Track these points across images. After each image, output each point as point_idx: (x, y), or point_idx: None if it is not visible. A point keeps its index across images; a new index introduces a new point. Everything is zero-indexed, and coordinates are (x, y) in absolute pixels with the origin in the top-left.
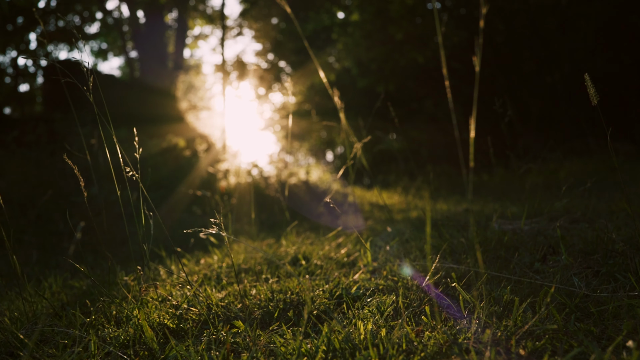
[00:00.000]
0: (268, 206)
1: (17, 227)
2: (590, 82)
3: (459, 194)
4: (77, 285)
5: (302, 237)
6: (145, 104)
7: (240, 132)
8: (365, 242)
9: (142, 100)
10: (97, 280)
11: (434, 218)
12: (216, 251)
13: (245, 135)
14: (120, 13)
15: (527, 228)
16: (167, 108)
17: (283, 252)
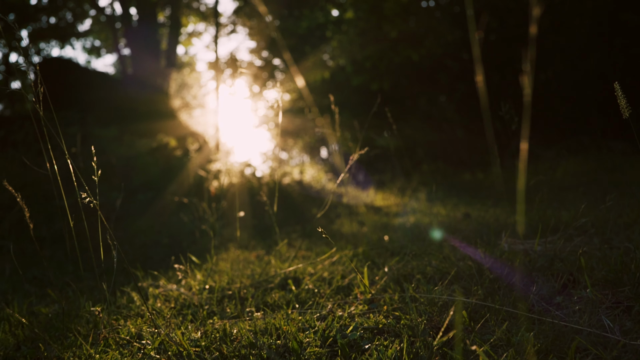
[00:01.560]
0: (261, 208)
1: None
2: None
3: (455, 196)
4: (43, 311)
5: (293, 250)
6: (137, 102)
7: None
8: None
9: (134, 98)
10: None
11: (433, 227)
12: (197, 273)
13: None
14: (113, 10)
15: (540, 249)
16: (159, 106)
17: (273, 271)
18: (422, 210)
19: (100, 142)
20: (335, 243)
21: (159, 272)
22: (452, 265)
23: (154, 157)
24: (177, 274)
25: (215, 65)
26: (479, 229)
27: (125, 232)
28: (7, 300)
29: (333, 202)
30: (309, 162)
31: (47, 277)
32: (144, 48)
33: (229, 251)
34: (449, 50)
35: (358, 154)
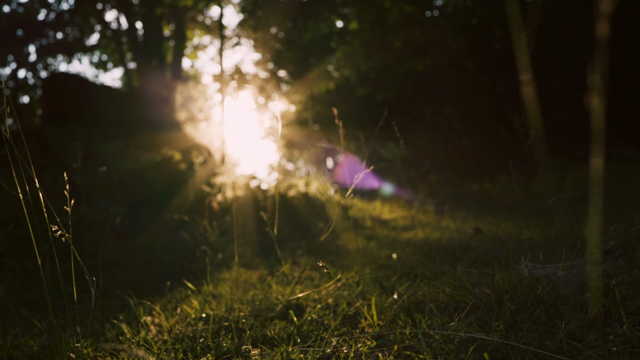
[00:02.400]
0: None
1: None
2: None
3: (464, 208)
4: (29, 344)
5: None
6: (142, 115)
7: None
8: (368, 280)
9: (140, 111)
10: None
11: (442, 244)
12: (193, 300)
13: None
14: (119, 24)
15: (564, 274)
16: (165, 119)
17: (274, 297)
18: (431, 223)
19: (104, 156)
20: (340, 261)
21: (156, 296)
22: (467, 292)
23: (158, 171)
24: (173, 300)
25: (221, 78)
26: (493, 246)
27: (128, 248)
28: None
29: (339, 215)
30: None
31: (43, 300)
32: (149, 61)
33: (231, 270)
34: (454, 59)
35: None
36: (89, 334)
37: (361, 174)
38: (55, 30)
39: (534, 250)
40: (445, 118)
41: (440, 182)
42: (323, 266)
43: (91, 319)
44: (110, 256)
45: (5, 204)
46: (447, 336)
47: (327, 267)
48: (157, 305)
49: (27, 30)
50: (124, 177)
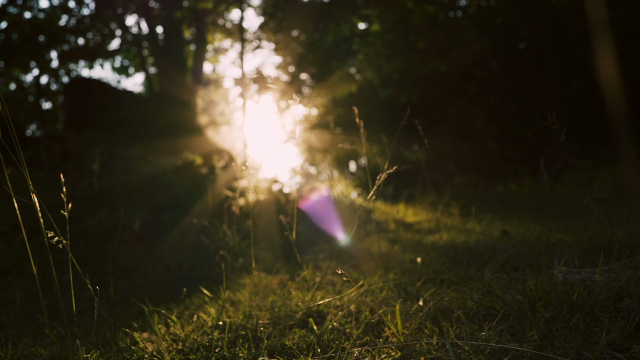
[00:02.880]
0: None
1: (21, 256)
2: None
3: (490, 211)
4: (40, 353)
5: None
6: (163, 120)
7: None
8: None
9: (161, 115)
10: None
11: (468, 247)
12: (210, 309)
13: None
14: (140, 29)
15: (602, 279)
16: (186, 123)
17: (294, 304)
18: (456, 226)
19: (125, 160)
20: (363, 265)
21: (173, 303)
22: (497, 299)
23: (180, 175)
24: (191, 307)
25: (242, 82)
26: (521, 250)
27: (149, 253)
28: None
29: (362, 219)
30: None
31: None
32: (170, 66)
33: (252, 275)
34: (477, 60)
35: (387, 173)
36: (102, 343)
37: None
38: (76, 35)
39: (566, 254)
40: (469, 119)
41: (465, 185)
42: (342, 274)
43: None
44: (130, 261)
45: (26, 209)
46: (477, 347)
47: (349, 273)
48: (175, 311)
49: (48, 36)
50: (145, 181)
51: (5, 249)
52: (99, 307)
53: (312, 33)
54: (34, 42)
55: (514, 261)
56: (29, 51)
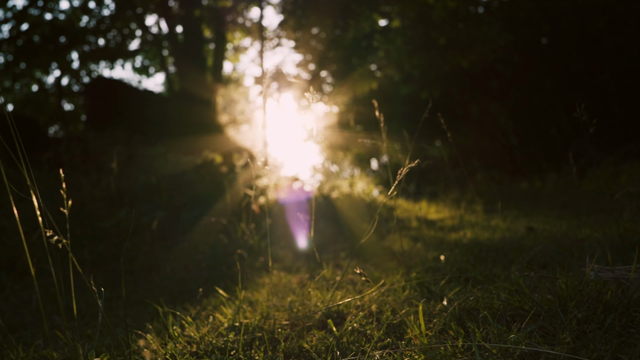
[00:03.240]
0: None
1: (40, 256)
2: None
3: (514, 207)
4: (51, 356)
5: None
6: (183, 119)
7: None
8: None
9: (181, 114)
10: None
11: (493, 245)
12: (225, 309)
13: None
14: (159, 29)
15: (637, 277)
16: (206, 122)
17: (313, 304)
18: (480, 223)
19: (145, 160)
20: (385, 264)
21: (189, 303)
22: (525, 298)
23: (200, 174)
24: (208, 307)
25: (262, 80)
26: (549, 247)
27: (168, 252)
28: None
29: (384, 216)
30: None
31: (80, 306)
32: (190, 65)
33: (271, 274)
34: (499, 55)
35: (408, 167)
36: (114, 345)
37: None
38: (96, 36)
39: (596, 251)
40: (492, 116)
41: (488, 181)
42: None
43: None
44: (149, 260)
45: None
46: (506, 349)
47: (370, 272)
48: (192, 312)
49: (69, 37)
50: (165, 180)
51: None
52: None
53: (332, 30)
54: (54, 43)
55: (541, 258)
56: (50, 52)
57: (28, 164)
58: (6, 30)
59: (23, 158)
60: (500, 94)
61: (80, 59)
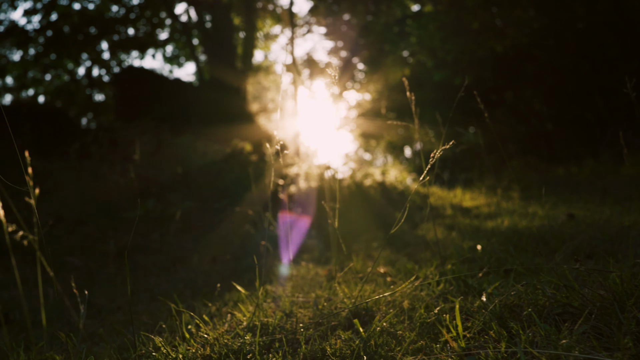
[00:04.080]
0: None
1: (65, 248)
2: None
3: (552, 193)
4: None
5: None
6: (213, 108)
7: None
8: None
9: (210, 103)
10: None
11: (532, 233)
12: (243, 307)
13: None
14: (189, 17)
15: None
16: (236, 110)
17: (340, 300)
18: (517, 210)
19: (174, 149)
20: (418, 254)
21: (209, 299)
22: (574, 294)
23: (229, 163)
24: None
25: (293, 67)
26: (593, 235)
27: (196, 243)
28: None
29: (417, 204)
30: (392, 163)
31: (100, 300)
32: (220, 53)
33: (300, 266)
34: (534, 40)
35: (442, 149)
36: (125, 348)
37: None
38: (126, 25)
39: None
40: (527, 101)
41: (524, 167)
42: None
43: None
44: (176, 252)
45: (73, 201)
46: (557, 357)
47: (403, 263)
48: (213, 308)
49: (98, 27)
50: (193, 170)
51: (51, 241)
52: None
53: (363, 16)
54: (84, 33)
55: (586, 247)
56: (79, 43)
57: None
58: (36, 21)
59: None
60: (535, 78)
61: (110, 49)
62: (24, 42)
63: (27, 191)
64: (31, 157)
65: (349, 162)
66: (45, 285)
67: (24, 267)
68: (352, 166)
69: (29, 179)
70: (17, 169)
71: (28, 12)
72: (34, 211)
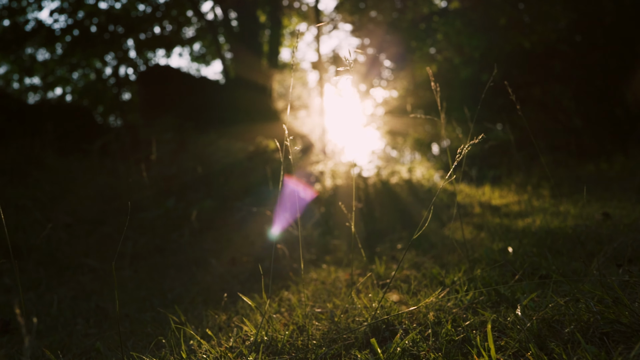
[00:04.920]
0: (368, 212)
1: (81, 250)
2: None
3: (583, 191)
4: None
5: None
6: (238, 105)
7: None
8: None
9: (235, 101)
10: None
11: (566, 234)
12: (249, 324)
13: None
14: (215, 15)
15: None
16: (261, 108)
17: (357, 312)
18: (548, 209)
19: (197, 147)
20: (445, 256)
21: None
22: (623, 309)
23: (253, 161)
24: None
25: (319, 65)
26: (633, 237)
27: (216, 243)
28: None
29: (444, 202)
30: (420, 160)
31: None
32: (245, 51)
33: (321, 269)
34: (562, 35)
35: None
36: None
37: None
38: (152, 24)
39: None
40: (555, 97)
41: (552, 164)
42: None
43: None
44: (195, 253)
45: (92, 200)
46: None
47: (429, 267)
48: (223, 317)
49: (124, 25)
50: (216, 168)
51: (68, 241)
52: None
53: (389, 13)
54: (110, 32)
55: (626, 251)
56: (106, 42)
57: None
58: (62, 20)
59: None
60: (564, 75)
61: (136, 48)
62: (50, 41)
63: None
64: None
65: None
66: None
67: (39, 269)
68: (379, 164)
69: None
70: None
71: (54, 11)
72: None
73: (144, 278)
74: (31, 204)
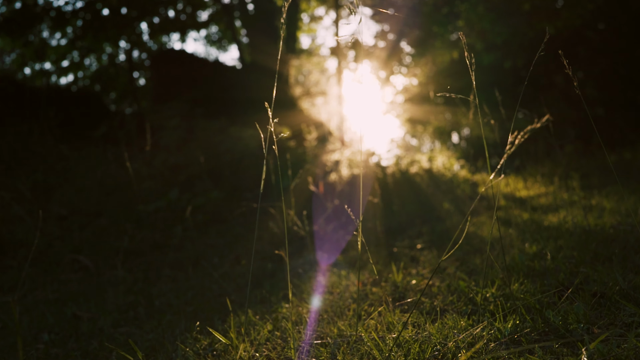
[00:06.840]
0: (386, 204)
1: (76, 245)
2: None
3: (614, 182)
4: None
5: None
6: (252, 91)
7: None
8: (516, 306)
9: (250, 87)
10: None
11: (607, 234)
12: (233, 349)
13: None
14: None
15: None
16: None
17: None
18: (578, 202)
19: (206, 134)
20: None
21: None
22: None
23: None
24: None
25: (337, 51)
26: None
27: (222, 238)
28: None
29: (467, 193)
30: (440, 149)
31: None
32: (261, 35)
33: (331, 272)
34: (587, 20)
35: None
36: None
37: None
38: (166, 6)
39: None
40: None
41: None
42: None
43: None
44: (197, 249)
45: (90, 190)
46: None
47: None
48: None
49: (137, 8)
50: (225, 157)
51: (59, 236)
52: None
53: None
54: (123, 15)
55: None
56: (118, 25)
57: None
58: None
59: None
60: (587, 62)
61: (149, 32)
62: (60, 24)
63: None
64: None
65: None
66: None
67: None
68: (398, 152)
69: None
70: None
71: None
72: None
73: (138, 278)
74: (29, 194)
